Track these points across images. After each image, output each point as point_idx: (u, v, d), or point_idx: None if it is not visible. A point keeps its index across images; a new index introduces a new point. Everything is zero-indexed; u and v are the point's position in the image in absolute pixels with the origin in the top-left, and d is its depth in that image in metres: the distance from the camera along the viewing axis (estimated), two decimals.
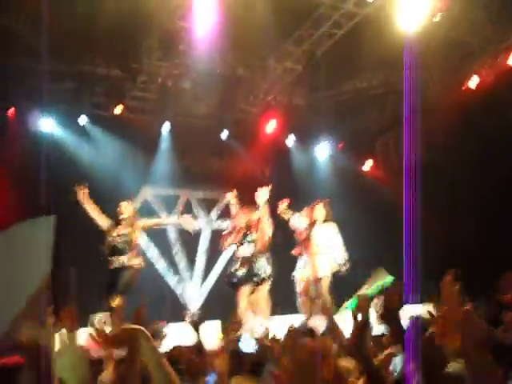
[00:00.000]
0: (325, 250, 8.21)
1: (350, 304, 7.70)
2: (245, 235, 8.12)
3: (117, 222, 7.90)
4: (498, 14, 10.05)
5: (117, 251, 7.69)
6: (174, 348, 4.41)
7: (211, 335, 4.87)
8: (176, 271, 12.30)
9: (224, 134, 12.68)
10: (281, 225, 8.55)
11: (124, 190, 11.36)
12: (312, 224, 8.37)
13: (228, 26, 9.18)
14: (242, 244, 8.11)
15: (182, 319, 10.23)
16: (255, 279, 7.90)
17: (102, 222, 7.80)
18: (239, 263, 8.01)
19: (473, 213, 10.76)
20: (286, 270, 8.55)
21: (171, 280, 12.16)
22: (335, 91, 12.17)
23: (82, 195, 7.67)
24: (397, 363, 3.67)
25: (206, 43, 10.14)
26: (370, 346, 2.90)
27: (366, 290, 7.63)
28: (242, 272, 7.95)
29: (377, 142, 13.89)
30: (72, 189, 7.77)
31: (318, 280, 8.08)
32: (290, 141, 13.34)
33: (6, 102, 10.65)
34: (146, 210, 12.09)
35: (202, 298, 12.30)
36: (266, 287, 8.00)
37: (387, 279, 7.81)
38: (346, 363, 3.16)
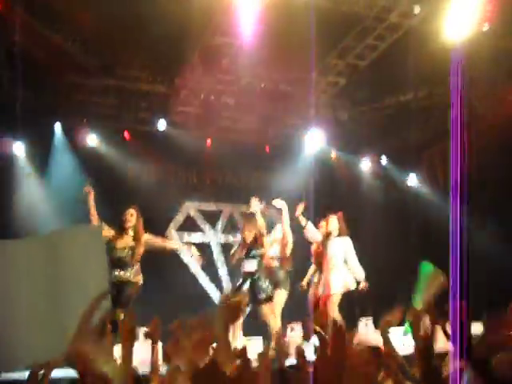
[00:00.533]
0: (340, 265, 8.00)
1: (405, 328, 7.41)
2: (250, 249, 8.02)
3: (120, 231, 7.50)
4: None
5: (122, 264, 7.34)
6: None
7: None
8: (221, 287, 12.21)
9: (267, 149, 12.62)
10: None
11: (166, 205, 11.47)
12: (327, 236, 8.16)
13: (271, 39, 9.13)
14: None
15: None
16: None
17: (105, 229, 7.22)
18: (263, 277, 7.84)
19: None
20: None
21: (215, 295, 12.07)
22: (379, 104, 12.02)
23: (88, 195, 7.31)
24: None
25: (249, 58, 10.14)
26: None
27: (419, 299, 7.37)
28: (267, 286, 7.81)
29: (422, 156, 13.67)
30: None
31: (328, 297, 7.87)
32: (333, 155, 13.22)
33: (54, 116, 10.86)
34: (191, 225, 12.20)
35: None
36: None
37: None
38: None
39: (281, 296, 7.88)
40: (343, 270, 7.97)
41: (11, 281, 2.62)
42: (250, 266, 7.85)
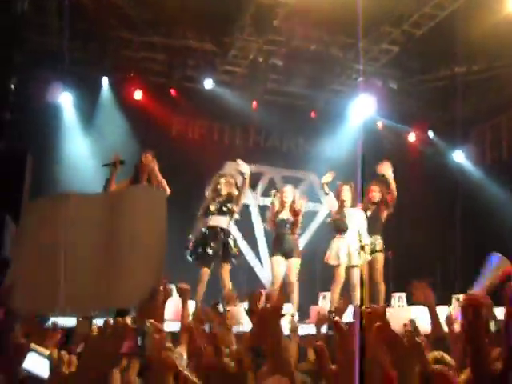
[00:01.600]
0: (354, 236, 7.90)
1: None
2: None
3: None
4: None
5: None
6: None
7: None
8: (256, 249, 12.22)
9: (313, 114, 12.43)
10: None
11: (209, 164, 11.44)
12: (341, 205, 8.07)
13: (325, 3, 8.91)
14: None
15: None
16: None
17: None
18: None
19: None
20: None
21: (251, 258, 12.08)
22: (432, 76, 11.67)
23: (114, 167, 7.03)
24: None
25: (301, 19, 9.93)
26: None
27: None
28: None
29: (471, 131, 13.32)
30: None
31: (352, 267, 7.81)
32: (380, 124, 12.97)
33: (102, 70, 10.86)
34: None
35: None
36: None
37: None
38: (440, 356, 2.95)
39: (295, 263, 7.85)
40: (353, 241, 7.87)
41: (71, 232, 2.64)
42: (222, 221, 7.72)
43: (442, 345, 3.30)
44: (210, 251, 7.36)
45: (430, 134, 13.30)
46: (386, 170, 8.34)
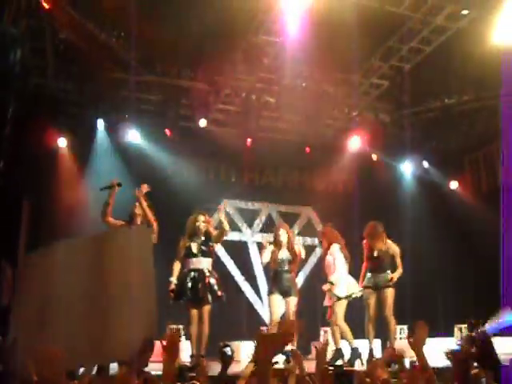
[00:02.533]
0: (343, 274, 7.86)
1: None
2: None
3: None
4: None
5: None
6: None
7: None
8: (256, 286, 12.17)
9: (307, 149, 12.53)
10: None
11: (205, 203, 11.46)
12: (328, 247, 8.00)
13: (314, 40, 9.06)
14: None
15: None
16: None
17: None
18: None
19: None
20: None
21: (250, 294, 12.03)
22: (422, 107, 11.83)
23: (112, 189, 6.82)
24: None
25: (291, 57, 10.08)
26: None
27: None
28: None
29: (465, 160, 13.44)
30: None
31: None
32: (375, 157, 13.09)
33: (97, 111, 10.97)
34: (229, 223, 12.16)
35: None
36: None
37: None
38: None
39: (293, 302, 7.78)
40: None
41: (62, 283, 2.67)
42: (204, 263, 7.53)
43: None
44: (197, 293, 7.20)
45: (425, 164, 13.40)
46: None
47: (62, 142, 10.72)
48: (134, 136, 11.29)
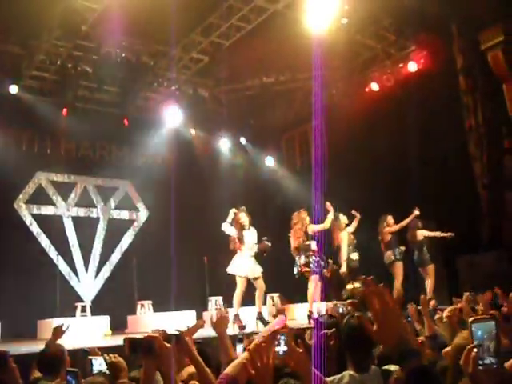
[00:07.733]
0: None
1: None
2: None
3: None
4: (401, 22, 10.41)
5: None
6: None
7: None
8: (72, 261, 11.80)
9: (126, 121, 12.26)
10: None
11: (18, 175, 10.83)
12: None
13: (136, 11, 8.87)
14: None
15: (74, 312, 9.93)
16: None
17: None
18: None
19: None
20: None
21: (65, 270, 11.60)
22: (241, 85, 12.15)
23: None
24: None
25: (111, 26, 9.78)
26: None
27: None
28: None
29: (282, 137, 14.08)
30: None
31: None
32: (193, 131, 13.23)
33: None
34: (42, 196, 11.61)
35: (95, 290, 11.89)
36: None
37: None
38: None
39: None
40: None
41: None
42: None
43: None
44: None
45: (242, 140, 13.82)
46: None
47: None
48: None
